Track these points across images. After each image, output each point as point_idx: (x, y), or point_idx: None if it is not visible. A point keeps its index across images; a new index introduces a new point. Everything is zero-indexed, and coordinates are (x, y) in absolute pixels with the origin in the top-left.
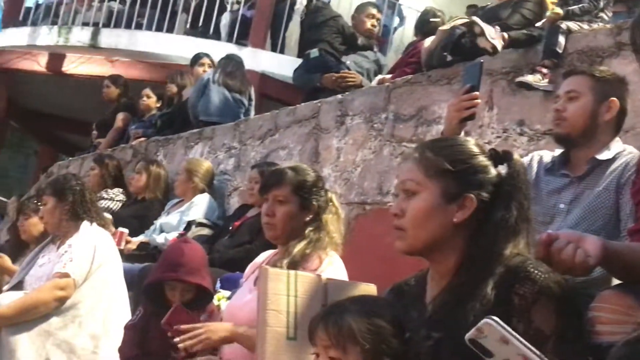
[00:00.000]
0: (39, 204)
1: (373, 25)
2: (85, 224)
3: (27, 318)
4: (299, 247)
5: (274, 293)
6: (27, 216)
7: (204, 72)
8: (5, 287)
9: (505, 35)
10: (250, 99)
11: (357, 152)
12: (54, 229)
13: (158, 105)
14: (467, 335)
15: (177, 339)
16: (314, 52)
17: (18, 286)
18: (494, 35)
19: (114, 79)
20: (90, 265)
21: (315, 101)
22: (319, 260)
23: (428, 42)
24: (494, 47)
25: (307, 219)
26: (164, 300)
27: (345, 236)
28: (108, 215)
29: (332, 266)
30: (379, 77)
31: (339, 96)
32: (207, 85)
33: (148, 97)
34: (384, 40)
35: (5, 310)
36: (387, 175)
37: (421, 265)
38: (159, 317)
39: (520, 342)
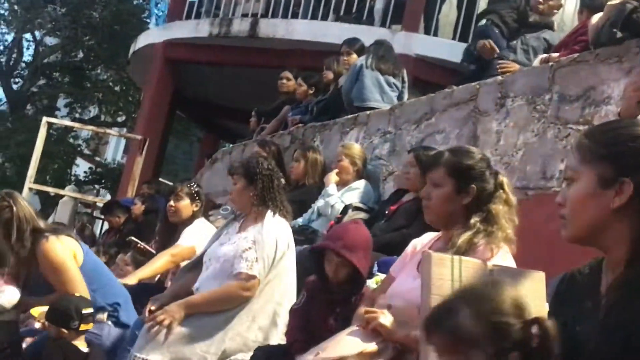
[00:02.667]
0: (195, 187)
1: (539, 3)
2: (268, 215)
3: (212, 310)
4: (463, 238)
5: (438, 278)
6: (179, 198)
7: (346, 61)
8: (188, 262)
9: None
10: (403, 82)
11: (518, 135)
12: (241, 209)
13: (311, 92)
14: None
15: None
16: (482, 22)
17: (198, 264)
18: None
19: (292, 72)
20: (272, 263)
21: (473, 83)
22: (491, 254)
23: (596, 18)
24: None
25: (465, 202)
26: (323, 273)
27: None
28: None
29: (505, 262)
30: (543, 56)
31: (499, 78)
32: (360, 71)
33: (288, 79)
34: None
35: (196, 298)
36: (551, 159)
37: (588, 252)
38: (319, 300)
39: None
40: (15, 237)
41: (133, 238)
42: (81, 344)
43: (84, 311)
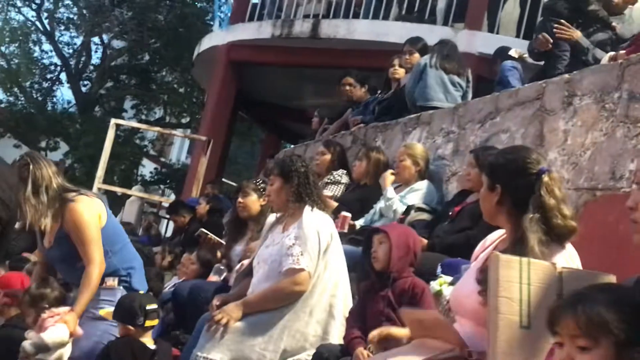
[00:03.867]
0: (260, 183)
1: None
2: (307, 210)
3: (268, 307)
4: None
5: (506, 280)
6: (247, 194)
7: (408, 61)
8: (242, 264)
9: None
10: (468, 82)
11: (586, 135)
12: (280, 208)
13: (363, 90)
14: None
15: None
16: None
17: (252, 270)
18: None
19: (353, 76)
20: (318, 255)
21: (539, 82)
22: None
23: None
24: None
25: (495, 200)
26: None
27: None
28: (333, 203)
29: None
30: (610, 54)
31: (566, 76)
32: (424, 70)
33: (350, 85)
34: None
35: (252, 297)
36: (621, 159)
37: None
38: (370, 294)
39: None
40: (29, 192)
41: (203, 230)
42: (148, 341)
43: (148, 307)
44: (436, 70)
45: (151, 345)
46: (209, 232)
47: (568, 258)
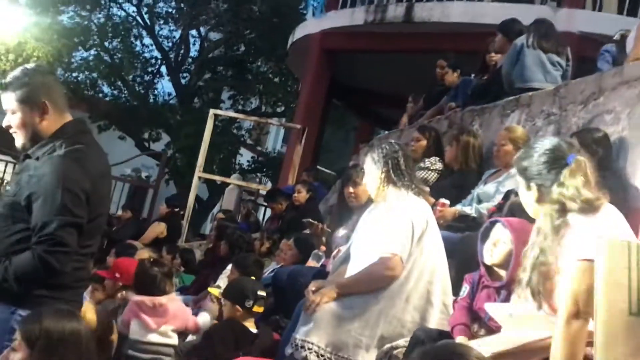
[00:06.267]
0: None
1: None
2: (400, 195)
3: (361, 290)
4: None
5: (614, 265)
6: (357, 184)
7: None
8: (339, 250)
9: None
10: (568, 61)
11: None
12: (373, 194)
13: (455, 75)
14: None
15: None
16: None
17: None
18: None
19: (448, 59)
20: (412, 241)
21: None
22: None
23: None
24: None
25: (534, 198)
26: None
27: None
28: (426, 189)
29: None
30: None
31: None
32: (521, 51)
33: (443, 68)
34: None
35: (345, 280)
36: None
37: None
38: (480, 287)
39: None
40: None
41: (310, 220)
42: (251, 325)
43: (259, 293)
44: (534, 49)
45: (253, 329)
46: (314, 221)
47: (603, 222)
